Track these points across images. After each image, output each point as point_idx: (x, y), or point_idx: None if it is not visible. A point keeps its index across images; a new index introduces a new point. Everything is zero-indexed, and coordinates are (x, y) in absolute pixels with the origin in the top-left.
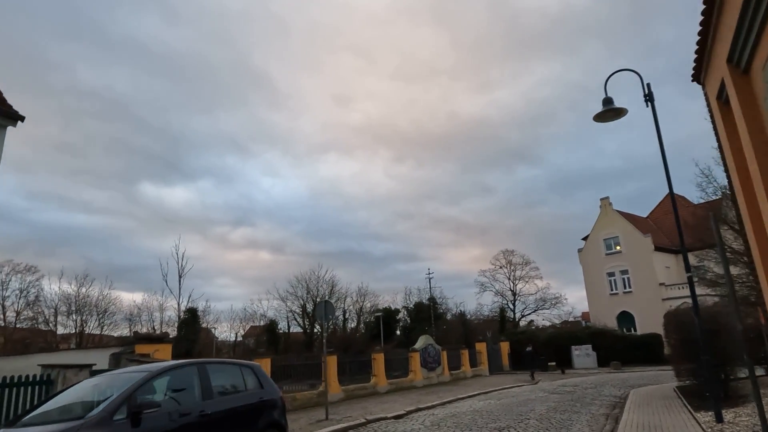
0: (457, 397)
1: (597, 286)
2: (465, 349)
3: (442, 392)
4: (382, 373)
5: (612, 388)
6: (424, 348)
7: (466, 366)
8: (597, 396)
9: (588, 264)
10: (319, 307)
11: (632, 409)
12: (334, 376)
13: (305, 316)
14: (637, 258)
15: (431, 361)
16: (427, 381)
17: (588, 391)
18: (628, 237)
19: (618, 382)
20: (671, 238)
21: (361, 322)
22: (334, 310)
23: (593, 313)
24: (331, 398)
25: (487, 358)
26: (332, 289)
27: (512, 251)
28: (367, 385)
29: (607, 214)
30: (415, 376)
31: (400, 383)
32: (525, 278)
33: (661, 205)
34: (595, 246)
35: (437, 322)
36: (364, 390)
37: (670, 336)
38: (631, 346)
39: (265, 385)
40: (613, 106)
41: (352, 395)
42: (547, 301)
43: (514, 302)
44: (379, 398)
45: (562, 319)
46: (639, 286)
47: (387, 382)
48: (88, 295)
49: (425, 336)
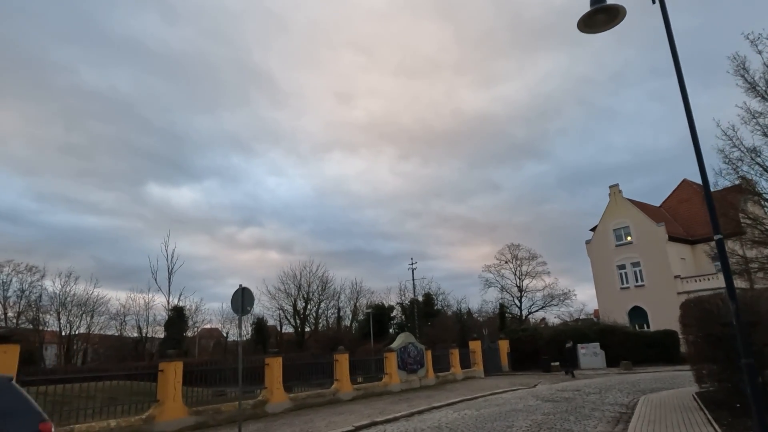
0: (431, 406)
1: (606, 280)
2: (455, 348)
3: (417, 399)
4: (345, 377)
5: (618, 394)
6: (403, 347)
7: (456, 367)
8: (599, 405)
9: (597, 256)
10: (234, 296)
11: (640, 426)
12: (278, 381)
13: (296, 314)
14: (650, 249)
15: (411, 362)
16: (407, 385)
17: (590, 398)
18: (639, 226)
19: (627, 385)
20: (686, 227)
21: (355, 320)
22: (253, 300)
23: (602, 309)
24: (274, 408)
25: (482, 358)
26: (325, 286)
27: (518, 245)
28: (326, 391)
29: (617, 203)
30: (390, 379)
31: (371, 389)
32: (532, 274)
33: (674, 194)
34: (604, 237)
35: (433, 320)
36: (320, 398)
37: (689, 330)
38: (643, 344)
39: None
40: (605, 2)
41: (303, 404)
42: (555, 298)
43: (520, 298)
44: (336, 408)
45: (573, 316)
46: (652, 279)
47: (353, 388)
48: (74, 294)
49: (405, 333)
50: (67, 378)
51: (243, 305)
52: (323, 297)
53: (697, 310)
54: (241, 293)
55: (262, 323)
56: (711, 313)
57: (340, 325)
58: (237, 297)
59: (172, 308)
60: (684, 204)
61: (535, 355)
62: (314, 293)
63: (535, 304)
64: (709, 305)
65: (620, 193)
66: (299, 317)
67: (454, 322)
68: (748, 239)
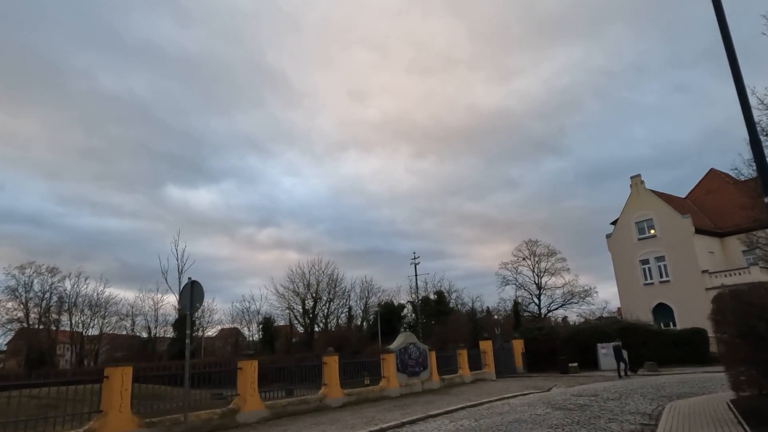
0: (427, 414)
1: (629, 275)
2: (463, 349)
3: (415, 406)
4: (335, 381)
5: (641, 400)
6: (404, 348)
7: (464, 369)
8: (618, 414)
9: (618, 251)
10: (183, 292)
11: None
12: (252, 387)
13: (305, 313)
14: (675, 242)
15: (413, 364)
16: (407, 389)
17: (608, 405)
18: (663, 219)
19: (651, 390)
20: (715, 219)
21: (366, 320)
22: (203, 296)
23: (625, 306)
24: (247, 418)
25: (493, 359)
26: (336, 284)
27: (536, 241)
28: (312, 398)
29: (639, 194)
30: (388, 383)
31: (366, 394)
32: (551, 270)
33: (701, 184)
34: (626, 230)
35: (444, 318)
36: (304, 405)
37: (723, 327)
38: (668, 344)
39: None
40: None
41: (282, 412)
42: (576, 295)
43: (539, 296)
44: (320, 416)
45: (595, 315)
46: (678, 274)
47: (343, 393)
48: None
49: (406, 333)
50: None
51: (192, 301)
52: (333, 296)
53: (734, 304)
54: (191, 288)
55: (270, 323)
56: (752, 306)
57: (350, 324)
58: (186, 293)
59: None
60: (711, 195)
61: (552, 355)
62: (323, 292)
63: (555, 302)
64: (750, 297)
65: (642, 184)
66: (308, 317)
67: (467, 321)
68: None
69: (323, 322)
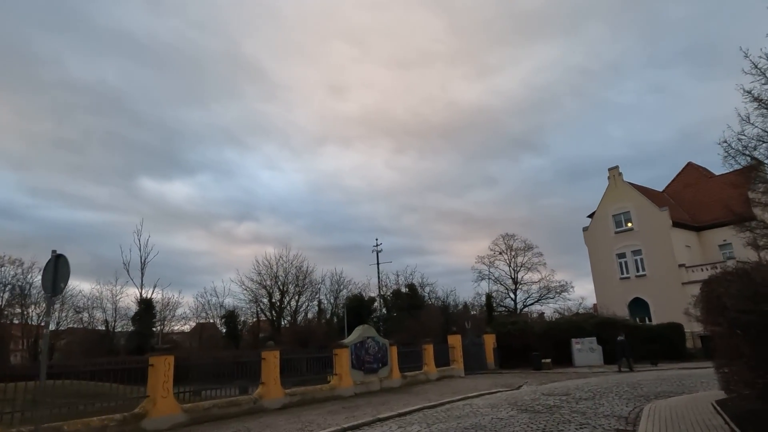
0: (375, 418)
1: (605, 269)
2: (429, 343)
3: (366, 407)
4: (273, 379)
5: (616, 400)
6: (360, 342)
7: (429, 365)
8: (590, 417)
9: (595, 245)
10: (46, 269)
11: None
12: (165, 388)
13: (272, 306)
14: (652, 236)
15: (370, 360)
16: (363, 388)
17: (580, 407)
18: (641, 212)
19: (627, 388)
20: (692, 213)
21: (336, 314)
22: (68, 275)
23: (601, 300)
24: (158, 424)
25: (462, 354)
26: (305, 277)
27: (513, 235)
28: (244, 398)
29: (617, 186)
30: (340, 381)
31: (313, 393)
32: (527, 265)
33: (679, 178)
34: (603, 223)
35: (417, 312)
36: (234, 408)
37: (715, 317)
38: (645, 339)
39: None
40: None
41: (204, 417)
42: (552, 290)
43: (515, 291)
44: (249, 420)
45: (572, 311)
46: (654, 268)
47: (284, 393)
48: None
49: (364, 326)
50: None
51: (56, 281)
52: (302, 289)
53: (740, 286)
54: (54, 264)
55: (234, 316)
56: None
57: (320, 318)
58: (48, 270)
59: (139, 300)
60: (689, 188)
61: (525, 351)
62: (291, 284)
63: (531, 297)
64: (757, 276)
65: (620, 176)
66: (275, 310)
67: (440, 316)
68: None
69: (291, 316)
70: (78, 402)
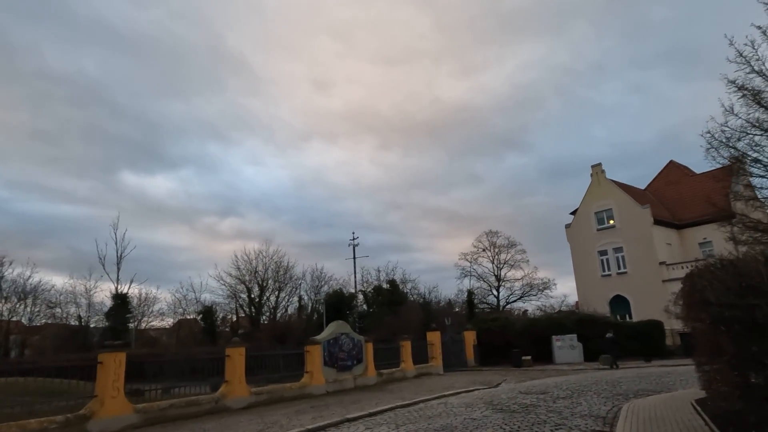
0: (343, 418)
1: (587, 266)
2: (407, 340)
3: (336, 406)
4: (238, 377)
5: (595, 399)
6: (333, 339)
7: (407, 363)
8: (567, 417)
9: (577, 242)
10: None
11: None
12: (115, 388)
13: (251, 302)
14: (634, 233)
15: (344, 357)
16: (336, 386)
17: (557, 406)
18: (623, 209)
19: (606, 386)
20: (673, 210)
21: (316, 310)
22: None
23: (582, 298)
24: (105, 426)
25: (441, 351)
26: (285, 272)
27: (496, 232)
28: (205, 398)
29: (600, 183)
30: (311, 379)
31: (282, 392)
32: (510, 262)
33: (660, 176)
34: (585, 220)
35: (398, 308)
36: (194, 407)
37: (693, 313)
38: (625, 336)
39: None
40: None
41: (160, 417)
42: (534, 287)
43: (498, 288)
44: (210, 421)
45: (554, 308)
46: (635, 265)
47: (249, 392)
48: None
49: (337, 322)
50: None
51: None
52: (282, 284)
53: (725, 278)
54: None
55: (211, 312)
56: (749, 280)
57: (301, 314)
58: None
59: (114, 296)
60: (671, 186)
61: (506, 348)
62: (270, 280)
63: (514, 294)
64: (746, 268)
65: (603, 173)
66: (254, 306)
67: (421, 312)
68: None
69: (271, 311)
70: (35, 401)
